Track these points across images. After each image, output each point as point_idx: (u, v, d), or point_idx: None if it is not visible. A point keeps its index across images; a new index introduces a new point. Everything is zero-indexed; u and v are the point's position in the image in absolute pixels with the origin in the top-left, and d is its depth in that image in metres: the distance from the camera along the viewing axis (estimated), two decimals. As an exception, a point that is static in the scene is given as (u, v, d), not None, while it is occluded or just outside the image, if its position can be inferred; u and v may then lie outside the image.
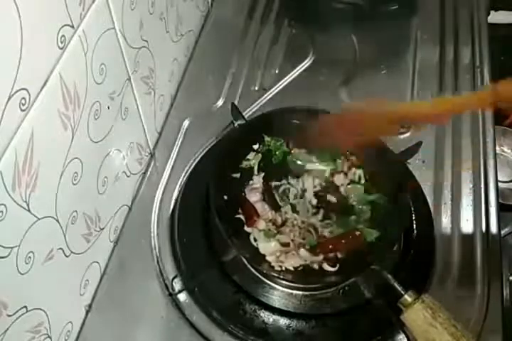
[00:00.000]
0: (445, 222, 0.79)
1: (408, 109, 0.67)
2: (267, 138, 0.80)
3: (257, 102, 0.92)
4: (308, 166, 0.79)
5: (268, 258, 0.71)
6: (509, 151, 1.26)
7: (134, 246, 0.76)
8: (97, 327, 0.70)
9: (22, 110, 0.46)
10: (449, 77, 0.97)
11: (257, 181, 0.78)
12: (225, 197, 0.74)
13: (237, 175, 0.78)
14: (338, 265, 0.71)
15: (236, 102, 0.89)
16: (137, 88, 0.73)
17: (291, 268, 0.70)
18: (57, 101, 0.52)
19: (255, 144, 0.80)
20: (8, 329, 0.51)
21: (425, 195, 0.80)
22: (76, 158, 0.58)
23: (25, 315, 0.54)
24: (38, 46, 0.47)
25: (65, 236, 0.59)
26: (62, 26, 0.50)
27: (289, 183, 0.78)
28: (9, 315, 0.51)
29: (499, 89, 0.58)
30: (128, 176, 0.77)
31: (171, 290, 0.71)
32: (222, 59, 0.98)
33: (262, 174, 0.78)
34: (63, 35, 0.50)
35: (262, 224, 0.73)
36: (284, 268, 0.70)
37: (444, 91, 0.95)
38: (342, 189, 0.78)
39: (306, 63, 0.98)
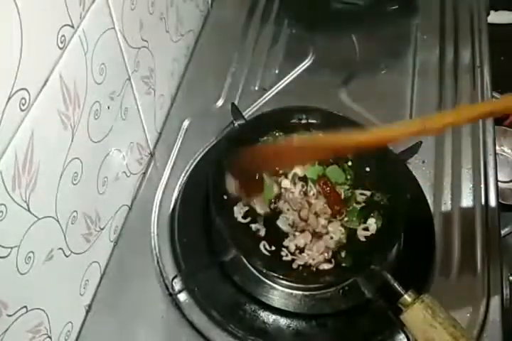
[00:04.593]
0: (445, 222, 0.79)
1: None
2: (263, 139, 0.80)
3: (257, 102, 0.92)
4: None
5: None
6: (509, 151, 1.27)
7: (134, 246, 0.76)
8: (97, 327, 0.70)
9: (22, 110, 0.46)
10: (449, 77, 0.97)
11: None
12: (225, 197, 0.74)
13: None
14: (333, 261, 0.71)
15: (236, 102, 0.89)
16: (137, 88, 0.73)
17: (295, 267, 0.70)
18: (57, 101, 0.52)
19: (255, 144, 0.80)
20: (8, 329, 0.51)
21: (425, 194, 0.80)
22: (76, 158, 0.58)
23: (25, 315, 0.54)
24: (38, 46, 0.47)
25: (65, 236, 0.59)
26: (62, 26, 0.50)
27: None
28: (9, 315, 0.51)
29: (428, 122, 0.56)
30: (128, 176, 0.77)
31: (171, 290, 0.71)
32: (222, 59, 0.98)
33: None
34: (63, 35, 0.50)
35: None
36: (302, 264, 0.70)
37: (444, 91, 0.95)
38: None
39: (306, 63, 0.98)
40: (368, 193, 0.76)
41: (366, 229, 0.74)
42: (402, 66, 0.99)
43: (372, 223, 0.74)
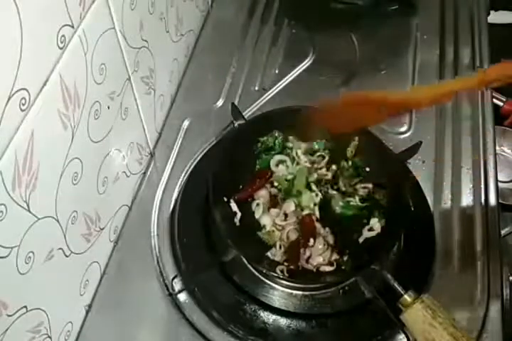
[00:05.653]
0: (445, 222, 0.79)
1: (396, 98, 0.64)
2: (263, 139, 0.80)
3: (257, 102, 0.92)
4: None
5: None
6: (509, 151, 1.26)
7: (134, 246, 0.76)
8: (97, 327, 0.70)
9: (22, 110, 0.46)
10: (449, 77, 0.97)
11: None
12: (225, 198, 0.74)
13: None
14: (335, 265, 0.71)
15: (236, 102, 0.89)
16: (137, 88, 0.73)
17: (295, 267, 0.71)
18: (57, 101, 0.52)
19: (255, 144, 0.80)
20: (8, 329, 0.51)
21: (425, 194, 0.80)
22: (76, 158, 0.58)
23: (25, 315, 0.54)
24: (38, 46, 0.47)
25: (65, 236, 0.59)
26: (62, 26, 0.50)
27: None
28: (9, 315, 0.51)
29: (488, 71, 0.59)
30: (128, 176, 0.77)
31: (171, 290, 0.71)
32: (222, 59, 0.98)
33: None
34: (63, 35, 0.50)
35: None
36: (286, 269, 0.70)
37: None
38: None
39: (306, 63, 0.99)
40: (370, 186, 0.77)
41: (371, 229, 0.74)
42: (402, 66, 0.99)
43: (375, 223, 0.74)
